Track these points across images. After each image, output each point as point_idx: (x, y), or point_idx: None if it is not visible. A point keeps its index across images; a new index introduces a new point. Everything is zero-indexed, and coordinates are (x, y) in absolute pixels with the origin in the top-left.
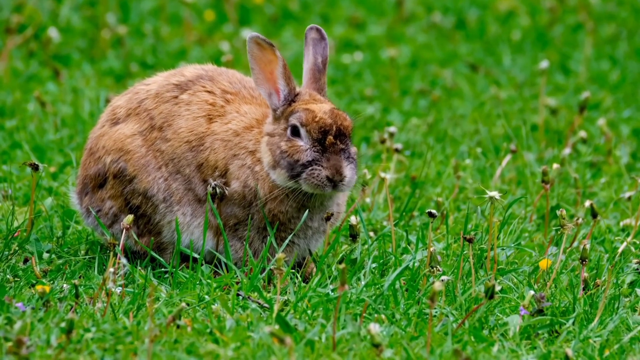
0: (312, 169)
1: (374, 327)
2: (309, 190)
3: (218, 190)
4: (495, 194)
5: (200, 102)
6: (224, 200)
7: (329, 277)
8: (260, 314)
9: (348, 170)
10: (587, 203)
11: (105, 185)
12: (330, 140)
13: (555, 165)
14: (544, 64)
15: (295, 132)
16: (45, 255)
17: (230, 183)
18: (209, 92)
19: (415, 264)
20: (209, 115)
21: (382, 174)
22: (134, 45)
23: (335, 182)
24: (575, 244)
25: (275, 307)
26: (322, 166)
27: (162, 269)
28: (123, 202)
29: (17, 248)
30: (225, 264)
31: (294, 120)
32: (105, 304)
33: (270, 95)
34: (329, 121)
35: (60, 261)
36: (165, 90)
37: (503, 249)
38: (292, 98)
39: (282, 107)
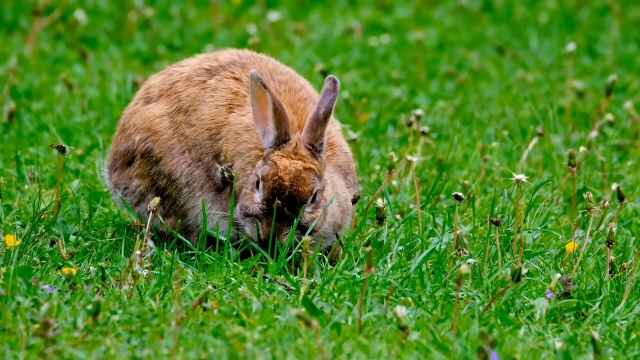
0: (253, 221)
1: (401, 310)
2: (247, 235)
3: (226, 175)
4: (522, 177)
5: (224, 90)
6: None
7: (356, 259)
8: (287, 296)
9: (284, 238)
10: (614, 186)
11: (133, 164)
12: (278, 205)
13: (582, 148)
14: (571, 47)
15: (257, 183)
16: (72, 238)
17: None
18: (236, 79)
19: (442, 247)
20: (230, 104)
21: (409, 157)
22: (161, 27)
23: (266, 245)
24: (601, 227)
25: (302, 290)
26: (261, 225)
27: (189, 252)
28: (150, 182)
29: (43, 230)
30: (253, 247)
31: (259, 171)
32: (131, 287)
33: (264, 134)
34: (285, 184)
35: (87, 243)
36: (196, 74)
37: (530, 232)
38: (279, 143)
39: (269, 150)
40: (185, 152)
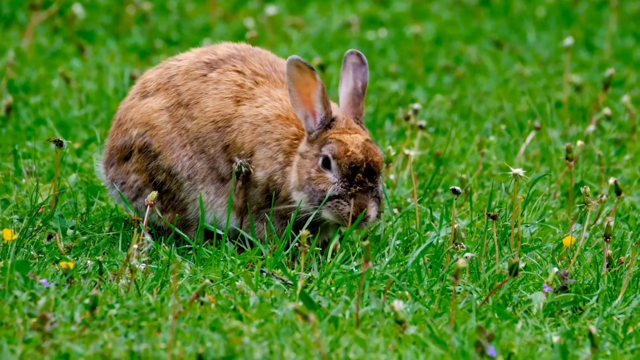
0: (338, 202)
1: (398, 304)
2: (329, 218)
3: (243, 169)
4: (519, 171)
5: (228, 82)
6: (248, 182)
7: (353, 253)
8: (284, 290)
9: (373, 211)
10: (611, 180)
11: (131, 159)
12: (359, 178)
13: (579, 142)
14: (568, 41)
15: (325, 163)
16: (70, 232)
17: (255, 169)
18: (238, 71)
19: (439, 241)
20: (236, 97)
21: (406, 151)
22: (159, 21)
23: (353, 222)
24: (599, 221)
25: (299, 284)
26: (348, 202)
27: (186, 246)
28: (147, 177)
29: (41, 224)
30: (250, 241)
31: (326, 150)
32: (129, 281)
33: (307, 117)
34: (360, 157)
35: (84, 237)
36: (195, 68)
37: (527, 226)
38: (328, 122)
39: (318, 131)
40: (187, 145)
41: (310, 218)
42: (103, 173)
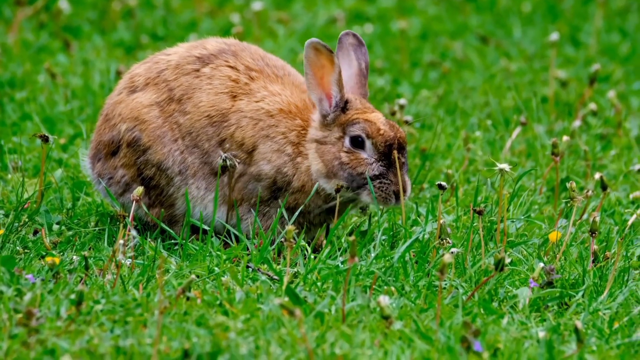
0: (381, 182)
1: (384, 300)
2: (367, 200)
3: (229, 163)
4: (505, 166)
5: (222, 77)
6: (246, 176)
7: (339, 249)
8: (270, 286)
9: (409, 186)
10: (597, 175)
11: (119, 153)
12: (395, 155)
13: (565, 138)
14: (554, 36)
15: (357, 143)
16: (55, 227)
17: (258, 163)
18: (231, 67)
19: (425, 236)
20: (232, 92)
21: None
22: (145, 16)
23: (398, 196)
24: (585, 216)
25: (285, 279)
26: (390, 180)
27: (172, 241)
28: (135, 172)
29: (27, 220)
30: (236, 236)
31: (357, 130)
32: (115, 276)
33: (321, 100)
34: (391, 134)
35: (70, 233)
36: (186, 62)
37: (513, 222)
38: (342, 105)
39: (334, 114)
40: (178, 139)
41: (339, 204)
42: (89, 168)
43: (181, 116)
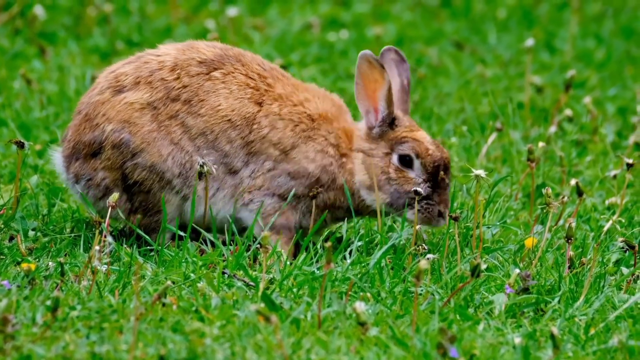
0: (427, 203)
1: (360, 306)
2: (411, 218)
3: (205, 169)
4: (481, 172)
5: (239, 84)
6: (277, 170)
7: (315, 255)
8: (246, 292)
9: (449, 205)
10: (573, 181)
11: (101, 155)
12: (442, 176)
13: (540, 144)
14: (529, 42)
15: (405, 162)
16: (31, 233)
17: (300, 161)
18: (244, 75)
19: (401, 243)
20: (253, 98)
21: None
22: (120, 22)
23: (444, 217)
24: (560, 222)
25: (261, 285)
26: (435, 201)
27: (148, 247)
28: (119, 175)
29: (2, 226)
30: (212, 242)
31: (406, 149)
32: (90, 282)
33: (368, 112)
34: (438, 154)
35: (46, 239)
36: (188, 64)
37: (489, 228)
38: (389, 121)
39: (379, 129)
40: (185, 140)
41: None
42: (62, 166)
43: (191, 118)
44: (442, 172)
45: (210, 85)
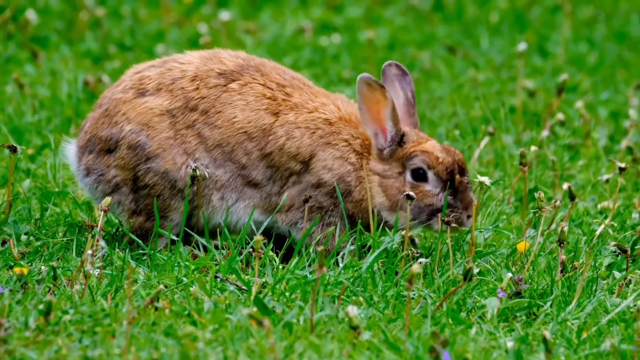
0: (452, 211)
1: (352, 310)
2: (437, 228)
3: (198, 173)
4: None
5: (256, 95)
6: (302, 184)
7: (307, 259)
8: (239, 296)
9: (474, 201)
10: (565, 185)
11: (115, 153)
12: (459, 179)
13: (533, 148)
14: (521, 46)
15: (419, 176)
16: (23, 237)
17: (318, 171)
18: (262, 85)
19: (394, 247)
20: (269, 109)
21: None
22: (112, 27)
23: (471, 216)
24: (553, 226)
25: (253, 290)
26: (459, 207)
27: (141, 251)
28: (131, 176)
29: None
30: (204, 246)
31: (417, 163)
32: (83, 286)
33: (377, 135)
34: (449, 159)
35: (39, 243)
36: (207, 76)
37: (481, 232)
38: (398, 139)
39: (389, 149)
40: (201, 151)
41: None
42: (74, 156)
43: (208, 129)
44: (457, 176)
45: (227, 97)
